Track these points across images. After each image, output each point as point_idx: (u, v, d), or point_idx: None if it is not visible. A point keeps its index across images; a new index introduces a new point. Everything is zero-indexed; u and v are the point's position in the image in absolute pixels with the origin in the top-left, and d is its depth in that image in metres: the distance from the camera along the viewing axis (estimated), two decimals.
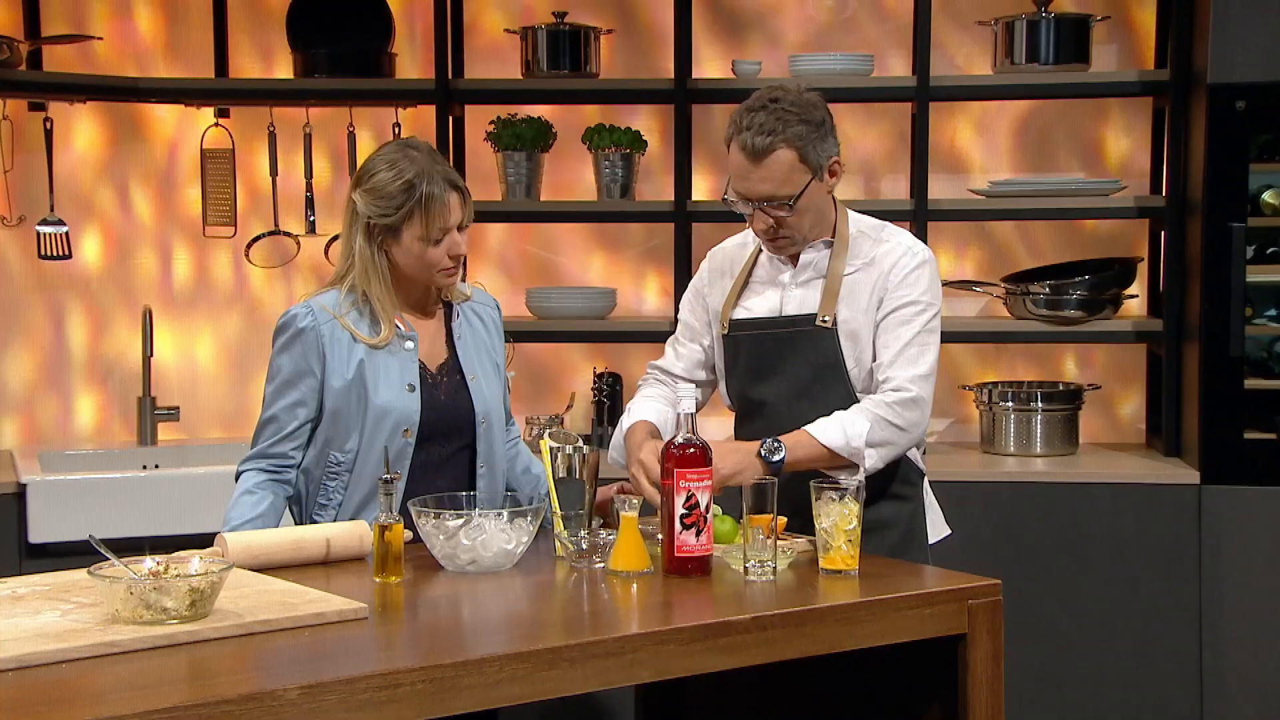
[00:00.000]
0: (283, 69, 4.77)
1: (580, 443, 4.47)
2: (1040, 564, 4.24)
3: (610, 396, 4.72)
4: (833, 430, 2.85)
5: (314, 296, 2.98)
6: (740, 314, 3.05)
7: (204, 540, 3.54)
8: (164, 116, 4.73)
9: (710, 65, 4.76)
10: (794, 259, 3.01)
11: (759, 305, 3.03)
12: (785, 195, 2.86)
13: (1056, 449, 4.48)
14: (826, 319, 2.95)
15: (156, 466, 4.51)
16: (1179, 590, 4.19)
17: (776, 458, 2.81)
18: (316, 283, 4.74)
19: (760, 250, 3.05)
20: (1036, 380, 4.70)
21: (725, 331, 3.07)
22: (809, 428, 2.86)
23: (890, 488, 2.99)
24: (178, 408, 4.65)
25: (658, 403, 3.11)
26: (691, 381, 3.14)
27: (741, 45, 4.78)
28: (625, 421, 3.09)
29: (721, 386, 3.15)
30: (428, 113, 4.63)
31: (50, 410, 4.64)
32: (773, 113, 2.84)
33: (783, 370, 2.99)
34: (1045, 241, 4.77)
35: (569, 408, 4.78)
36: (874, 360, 2.94)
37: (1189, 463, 4.30)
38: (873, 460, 2.87)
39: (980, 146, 4.80)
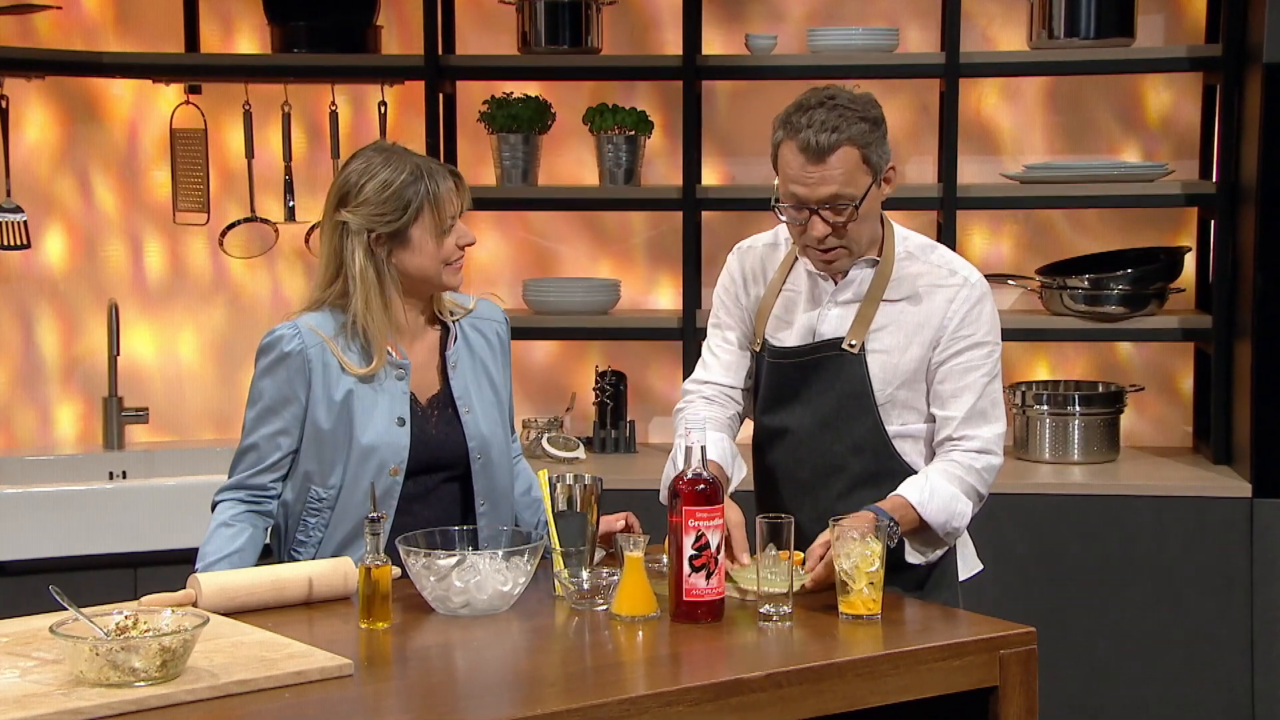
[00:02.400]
0: (252, 42, 4.75)
1: (581, 451, 4.55)
2: (1077, 583, 4.24)
3: (613, 397, 4.71)
4: (935, 508, 2.87)
5: (301, 315, 2.95)
6: (774, 332, 3.02)
7: (178, 556, 3.55)
8: (121, 94, 4.71)
9: (709, 44, 4.68)
10: (835, 276, 2.99)
11: (795, 323, 3.01)
12: (850, 196, 2.84)
13: (1096, 456, 4.47)
14: (854, 344, 2.94)
15: (124, 475, 4.52)
16: (1229, 612, 4.19)
17: (893, 544, 2.80)
18: (302, 267, 4.75)
19: (796, 258, 3.04)
20: (1074, 381, 4.70)
21: (757, 349, 3.06)
22: (913, 499, 2.86)
23: None
24: (146, 409, 4.65)
25: (719, 431, 3.03)
26: (744, 390, 3.10)
27: (743, 20, 4.74)
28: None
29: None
30: (416, 90, 4.62)
31: (28, 420, 4.64)
32: (833, 109, 2.83)
33: (806, 398, 2.98)
34: (1084, 227, 4.75)
35: (569, 409, 4.78)
36: (932, 403, 2.95)
37: (1240, 472, 4.30)
38: (955, 539, 2.95)
39: (1011, 123, 4.77)
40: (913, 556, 2.92)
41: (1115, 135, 4.75)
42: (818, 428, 2.97)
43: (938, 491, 2.87)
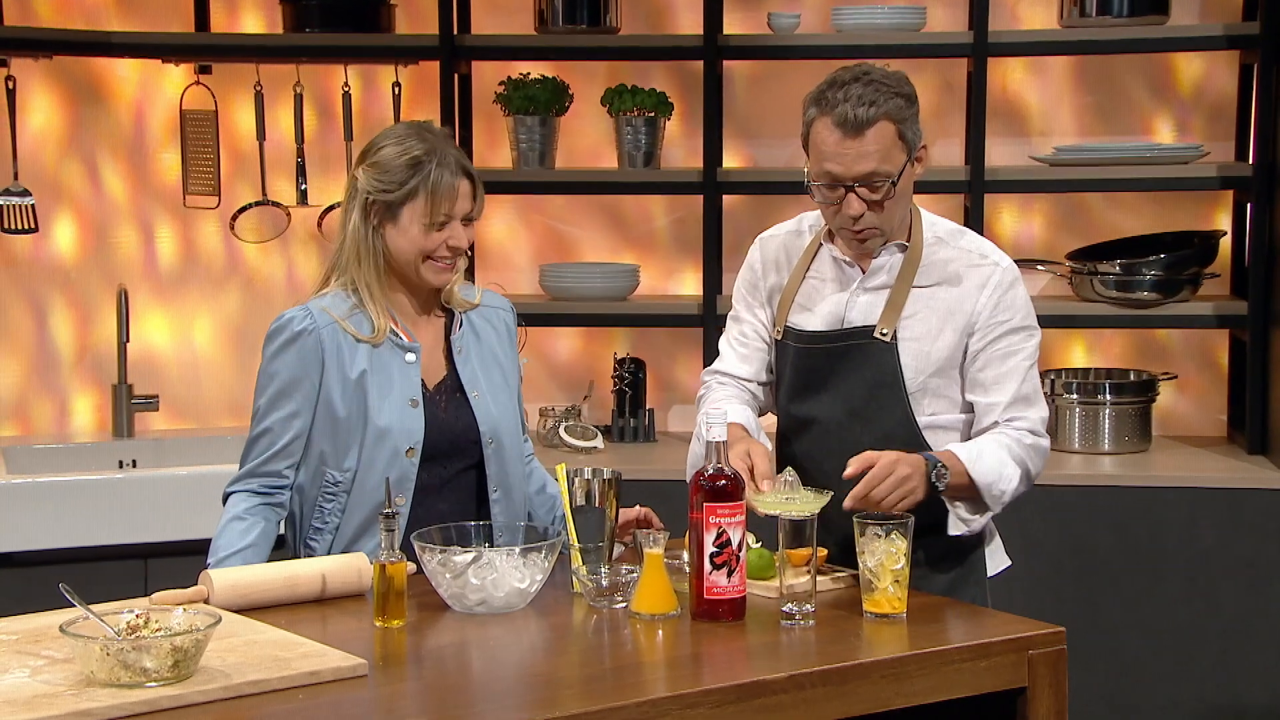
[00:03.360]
0: (262, 21, 4.75)
1: (599, 440, 4.55)
2: (1107, 577, 4.24)
3: (633, 385, 4.71)
4: (985, 467, 2.88)
5: (312, 299, 2.99)
6: (797, 319, 3.04)
7: (189, 548, 3.57)
8: (127, 75, 4.71)
9: (729, 24, 4.62)
10: (863, 260, 3.00)
11: (820, 310, 3.01)
12: (886, 173, 2.86)
13: (1127, 446, 4.46)
14: (885, 332, 2.95)
15: (134, 464, 4.53)
16: (1264, 607, 4.18)
17: (941, 485, 2.83)
18: (316, 249, 4.76)
19: (820, 245, 3.04)
20: (1105, 369, 4.69)
21: (779, 337, 3.07)
22: (961, 455, 2.87)
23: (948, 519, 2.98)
24: (156, 396, 4.66)
25: (741, 405, 3.07)
26: (761, 385, 3.13)
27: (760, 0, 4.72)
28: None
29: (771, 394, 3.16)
30: (431, 70, 4.62)
31: (45, 409, 4.66)
32: (868, 84, 2.85)
33: (835, 386, 2.99)
34: (1117, 208, 4.74)
35: (587, 397, 4.78)
36: (973, 391, 2.96)
37: (1275, 463, 4.29)
38: (998, 509, 2.94)
39: (1039, 102, 4.75)
40: (955, 527, 2.92)
41: (1148, 115, 4.73)
42: (846, 418, 2.98)
43: (986, 452, 2.88)
